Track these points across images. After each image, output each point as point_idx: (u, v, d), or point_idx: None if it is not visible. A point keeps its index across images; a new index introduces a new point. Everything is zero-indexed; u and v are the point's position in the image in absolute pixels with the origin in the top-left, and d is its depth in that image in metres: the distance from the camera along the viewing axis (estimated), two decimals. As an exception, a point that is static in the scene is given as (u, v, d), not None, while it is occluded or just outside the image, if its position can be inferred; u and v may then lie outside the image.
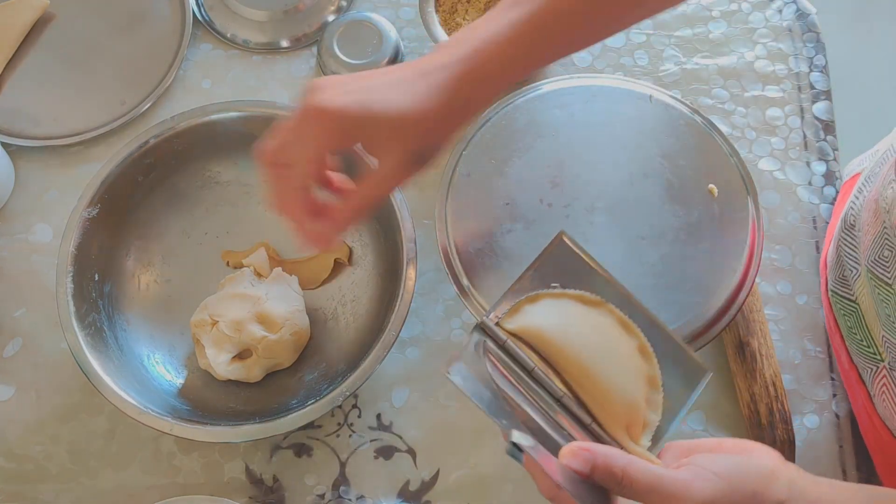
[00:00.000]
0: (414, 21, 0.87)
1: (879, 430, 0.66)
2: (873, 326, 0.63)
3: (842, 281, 0.67)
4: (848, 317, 0.67)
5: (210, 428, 0.65)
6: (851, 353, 0.68)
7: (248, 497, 0.70)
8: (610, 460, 0.46)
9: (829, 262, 0.72)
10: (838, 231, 0.69)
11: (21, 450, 0.72)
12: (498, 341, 0.53)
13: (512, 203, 0.70)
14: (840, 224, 0.69)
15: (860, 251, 0.64)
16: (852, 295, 0.65)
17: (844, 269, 0.66)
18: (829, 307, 0.71)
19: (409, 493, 0.70)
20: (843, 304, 0.67)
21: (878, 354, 0.63)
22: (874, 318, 0.62)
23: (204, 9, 0.88)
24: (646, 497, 0.46)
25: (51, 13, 0.87)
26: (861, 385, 0.67)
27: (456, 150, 0.72)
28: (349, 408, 0.73)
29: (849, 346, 0.68)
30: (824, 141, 0.82)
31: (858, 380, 0.67)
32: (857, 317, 0.65)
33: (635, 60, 0.85)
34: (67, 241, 0.70)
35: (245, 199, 0.78)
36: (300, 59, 0.86)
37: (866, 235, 0.62)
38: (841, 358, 0.70)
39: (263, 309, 0.70)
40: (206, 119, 0.75)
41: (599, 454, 0.46)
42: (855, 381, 0.68)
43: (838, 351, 0.70)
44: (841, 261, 0.67)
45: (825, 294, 0.72)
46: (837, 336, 0.70)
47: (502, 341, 0.53)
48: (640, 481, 0.46)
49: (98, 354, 0.67)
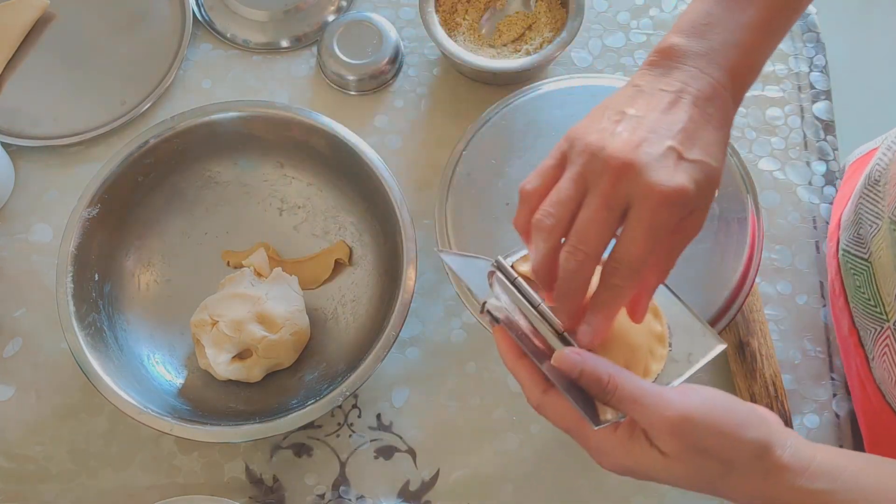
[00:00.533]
0: (414, 21, 0.87)
1: (872, 397, 0.66)
2: (884, 284, 0.63)
3: (856, 239, 0.68)
4: (858, 276, 0.67)
5: (210, 428, 0.65)
6: (854, 316, 0.68)
7: (248, 497, 0.70)
8: (598, 366, 0.47)
9: (844, 222, 0.72)
10: (860, 188, 0.69)
11: (21, 450, 0.72)
12: (509, 277, 0.53)
13: (512, 203, 0.70)
14: (863, 181, 0.69)
15: (883, 205, 0.64)
16: (866, 253, 0.66)
17: (861, 227, 0.67)
18: (837, 269, 0.71)
19: (409, 493, 0.70)
20: (854, 262, 0.68)
21: (885, 314, 0.63)
22: (888, 274, 0.62)
23: (204, 9, 0.88)
24: (628, 406, 0.47)
25: (51, 13, 0.87)
26: (859, 350, 0.67)
27: (456, 150, 0.72)
28: (349, 408, 0.73)
29: (853, 307, 0.68)
30: (824, 141, 0.82)
31: (857, 344, 0.68)
32: (868, 275, 0.65)
33: (635, 60, 0.85)
34: (67, 241, 0.70)
35: (245, 199, 0.78)
36: (300, 59, 0.86)
37: (894, 188, 0.62)
38: (841, 324, 0.71)
39: (263, 309, 0.70)
40: (206, 119, 0.75)
41: (589, 359, 0.47)
42: (853, 347, 0.68)
43: (839, 317, 0.71)
44: (859, 218, 0.67)
45: (834, 257, 0.72)
46: (842, 299, 0.70)
47: (513, 278, 0.53)
48: (624, 388, 0.46)
49: (98, 354, 0.67)
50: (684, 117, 0.47)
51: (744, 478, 0.46)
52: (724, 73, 0.49)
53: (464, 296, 0.68)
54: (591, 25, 0.87)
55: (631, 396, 0.47)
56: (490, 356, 0.74)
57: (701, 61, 0.49)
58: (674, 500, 0.69)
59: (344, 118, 0.75)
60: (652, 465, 0.47)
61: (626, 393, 0.47)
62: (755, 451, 0.46)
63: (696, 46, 0.50)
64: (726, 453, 0.46)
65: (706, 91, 0.49)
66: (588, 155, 0.47)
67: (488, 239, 0.69)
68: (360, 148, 0.73)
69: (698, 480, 0.47)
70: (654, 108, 0.48)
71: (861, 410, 0.69)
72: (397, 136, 0.82)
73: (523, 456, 0.71)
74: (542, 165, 0.50)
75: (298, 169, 0.78)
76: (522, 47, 0.81)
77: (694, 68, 0.49)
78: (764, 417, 0.47)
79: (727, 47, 0.50)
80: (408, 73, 0.85)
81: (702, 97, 0.48)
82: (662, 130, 0.46)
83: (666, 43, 0.51)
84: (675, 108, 0.48)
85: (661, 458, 0.46)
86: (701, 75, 0.49)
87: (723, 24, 0.50)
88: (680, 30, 0.51)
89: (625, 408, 0.47)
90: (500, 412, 0.72)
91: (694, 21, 0.51)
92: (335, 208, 0.78)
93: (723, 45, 0.50)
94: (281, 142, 0.76)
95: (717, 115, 0.49)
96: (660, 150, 0.45)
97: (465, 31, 0.82)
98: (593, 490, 0.70)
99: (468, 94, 0.84)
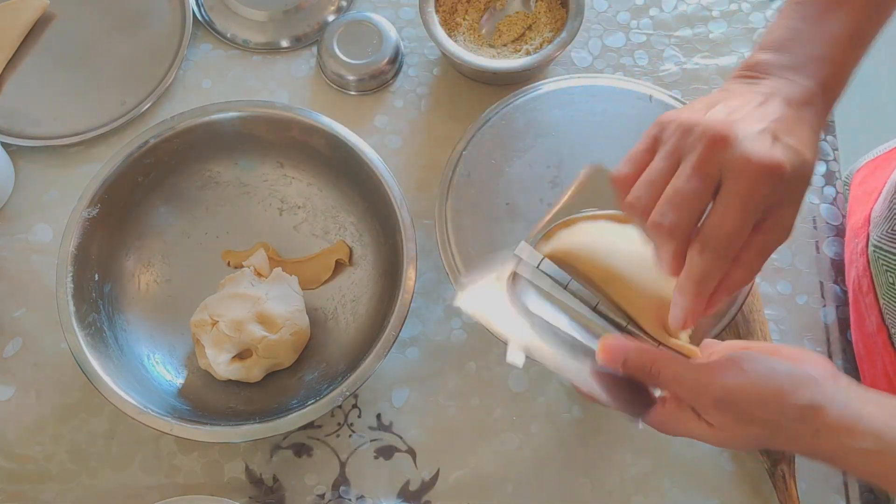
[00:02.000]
0: (414, 21, 0.87)
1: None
2: None
3: (890, 235, 0.67)
4: (891, 272, 0.67)
5: (210, 428, 0.65)
6: (885, 313, 0.68)
7: (248, 497, 0.70)
8: (641, 354, 0.50)
9: (875, 218, 0.72)
10: (893, 185, 0.69)
11: (21, 450, 0.72)
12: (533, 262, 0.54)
13: (512, 203, 0.70)
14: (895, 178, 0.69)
15: None
16: None
17: None
18: (866, 266, 0.71)
19: (409, 493, 0.70)
20: (887, 259, 0.68)
21: None
22: None
23: (204, 9, 0.88)
24: (673, 387, 0.49)
25: (51, 13, 0.87)
26: (889, 349, 0.68)
27: (456, 150, 0.72)
28: (349, 408, 0.73)
29: (884, 303, 0.68)
30: (824, 141, 0.82)
31: (887, 342, 0.68)
32: None
33: (635, 60, 0.85)
34: (67, 241, 0.70)
35: (245, 199, 0.78)
36: (300, 59, 0.86)
37: None
38: (866, 322, 0.70)
39: (263, 309, 0.70)
40: (206, 119, 0.74)
41: (631, 349, 0.50)
42: (882, 345, 0.68)
43: (865, 314, 0.71)
44: (892, 215, 0.67)
45: (862, 254, 0.72)
46: (871, 295, 0.70)
47: (538, 261, 0.54)
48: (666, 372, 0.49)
49: (98, 354, 0.67)
50: (778, 112, 0.46)
51: (792, 438, 0.47)
52: (815, 83, 0.49)
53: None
54: (591, 25, 0.87)
55: (674, 379, 0.49)
56: (490, 356, 0.74)
57: (790, 73, 0.49)
58: (674, 499, 0.69)
59: (344, 118, 0.75)
60: (703, 435, 0.49)
61: (667, 374, 0.49)
62: (800, 414, 0.47)
63: (784, 61, 0.49)
64: (772, 419, 0.47)
65: (798, 96, 0.48)
66: (681, 132, 0.45)
67: (488, 239, 0.69)
68: (360, 148, 0.73)
69: (748, 443, 0.49)
70: (747, 104, 0.46)
71: None
72: (397, 136, 0.82)
73: (523, 456, 0.71)
74: (633, 150, 0.47)
75: (298, 169, 0.78)
76: (522, 47, 0.81)
77: (783, 78, 0.49)
78: (810, 375, 0.48)
79: (815, 61, 0.49)
80: (408, 73, 0.85)
81: (794, 100, 0.48)
82: (758, 116, 0.45)
83: (753, 59, 0.50)
84: (768, 103, 0.46)
85: (709, 428, 0.49)
86: (791, 84, 0.48)
87: (809, 39, 0.50)
88: (766, 46, 0.51)
89: (671, 388, 0.49)
90: (500, 412, 0.72)
91: (779, 37, 0.51)
92: (335, 208, 0.78)
93: (810, 59, 0.49)
94: (281, 142, 0.76)
95: (809, 118, 0.48)
96: (757, 128, 0.44)
97: (465, 31, 0.82)
98: (593, 490, 0.70)
99: (468, 94, 0.84)
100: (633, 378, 0.51)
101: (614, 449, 0.71)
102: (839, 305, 0.75)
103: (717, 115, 0.45)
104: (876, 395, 0.48)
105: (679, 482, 0.70)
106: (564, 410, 0.72)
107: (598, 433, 0.71)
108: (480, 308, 0.55)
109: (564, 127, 0.72)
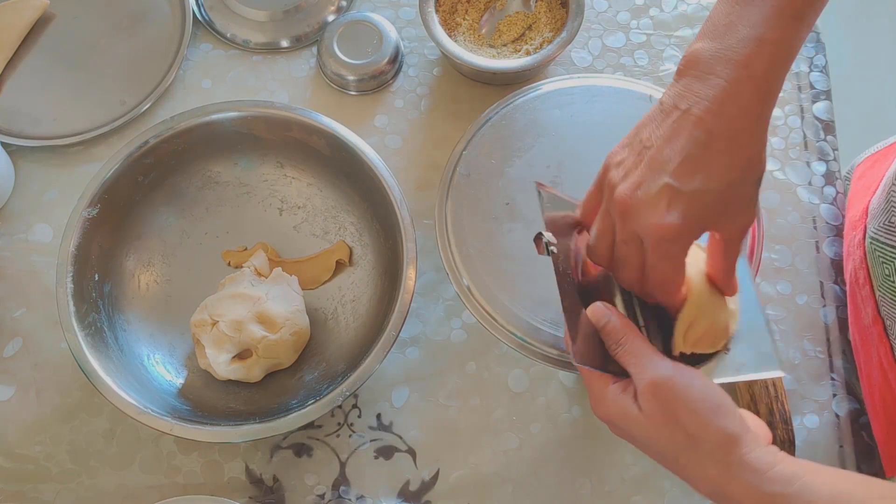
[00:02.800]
0: (414, 21, 0.87)
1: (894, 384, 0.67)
2: None
3: (887, 227, 0.68)
4: (887, 264, 0.67)
5: (210, 428, 0.65)
6: (881, 305, 0.69)
7: (248, 497, 0.70)
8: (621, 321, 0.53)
9: (872, 210, 0.72)
10: (891, 176, 0.69)
11: (21, 450, 0.72)
12: None
13: (512, 203, 0.70)
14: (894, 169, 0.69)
15: None
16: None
17: (893, 215, 0.67)
18: (862, 258, 0.72)
19: (409, 493, 0.70)
20: (883, 250, 0.68)
21: None
22: None
23: (204, 9, 0.88)
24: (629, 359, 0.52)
25: (51, 13, 0.87)
26: (884, 340, 0.68)
27: (456, 150, 0.72)
28: (349, 408, 0.73)
29: (880, 296, 0.69)
30: (824, 141, 0.82)
31: (882, 334, 0.68)
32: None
33: (635, 60, 0.85)
34: (67, 241, 0.70)
35: (245, 199, 0.78)
36: (300, 59, 0.86)
37: None
38: (862, 314, 0.71)
39: (263, 309, 0.70)
40: (206, 119, 0.74)
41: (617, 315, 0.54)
42: (877, 336, 0.69)
43: (861, 306, 0.71)
44: (890, 207, 0.68)
45: (859, 246, 0.73)
46: (867, 287, 0.70)
47: None
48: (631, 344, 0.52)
49: (98, 354, 0.67)
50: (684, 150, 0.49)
51: (705, 461, 0.48)
52: (743, 71, 0.49)
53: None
54: (591, 25, 0.87)
55: (634, 352, 0.51)
56: (490, 356, 0.74)
57: (718, 65, 0.49)
58: (674, 499, 0.69)
59: (344, 118, 0.75)
60: (630, 418, 0.50)
61: (630, 348, 0.52)
62: (722, 440, 0.48)
63: (715, 48, 0.50)
64: (694, 429, 0.48)
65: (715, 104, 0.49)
66: (608, 192, 0.53)
67: (488, 239, 0.68)
68: (360, 148, 0.73)
69: (664, 447, 0.50)
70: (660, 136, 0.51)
71: (881, 400, 0.69)
72: (397, 136, 0.82)
73: (523, 456, 0.71)
74: (588, 191, 0.56)
75: (298, 169, 0.78)
76: (522, 47, 0.81)
77: (710, 75, 0.49)
78: (744, 419, 0.49)
79: (747, 43, 0.49)
80: (408, 73, 0.85)
81: (710, 113, 0.49)
82: (660, 165, 0.50)
83: (689, 50, 0.51)
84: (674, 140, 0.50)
85: (638, 413, 0.50)
86: (715, 81, 0.49)
87: (742, 21, 0.50)
88: (702, 34, 0.52)
89: (625, 361, 0.52)
90: (500, 412, 0.72)
91: (715, 23, 0.51)
92: (335, 208, 0.78)
93: (741, 41, 0.49)
94: (281, 142, 0.76)
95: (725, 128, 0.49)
96: (655, 190, 0.49)
97: (465, 31, 0.82)
98: (593, 490, 0.70)
99: (468, 94, 0.84)
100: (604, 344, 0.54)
101: (614, 449, 0.71)
102: (839, 305, 0.76)
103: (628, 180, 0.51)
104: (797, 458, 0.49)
105: (679, 482, 0.70)
106: (564, 410, 0.72)
107: (598, 433, 0.71)
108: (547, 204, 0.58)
109: (564, 127, 0.72)
